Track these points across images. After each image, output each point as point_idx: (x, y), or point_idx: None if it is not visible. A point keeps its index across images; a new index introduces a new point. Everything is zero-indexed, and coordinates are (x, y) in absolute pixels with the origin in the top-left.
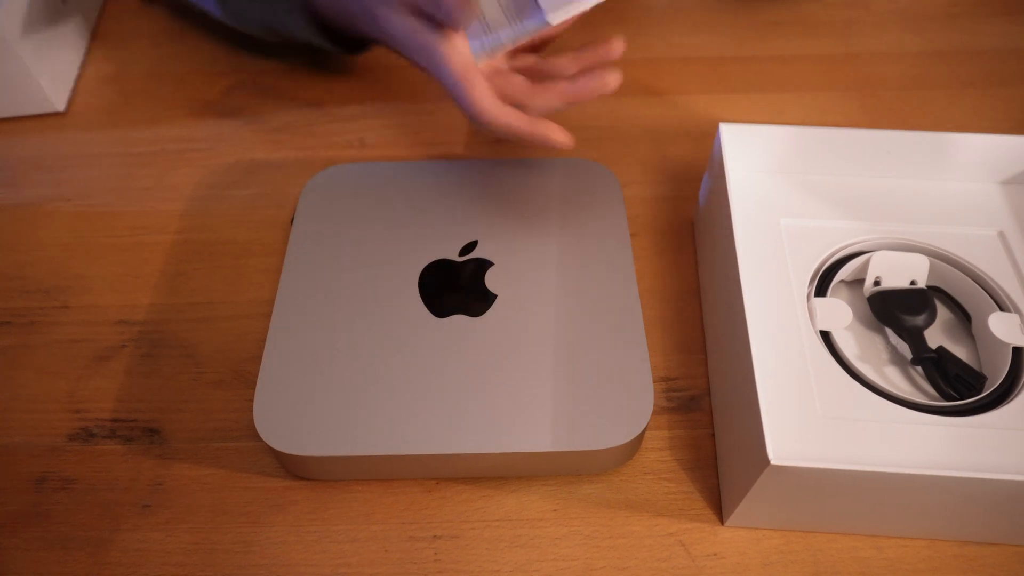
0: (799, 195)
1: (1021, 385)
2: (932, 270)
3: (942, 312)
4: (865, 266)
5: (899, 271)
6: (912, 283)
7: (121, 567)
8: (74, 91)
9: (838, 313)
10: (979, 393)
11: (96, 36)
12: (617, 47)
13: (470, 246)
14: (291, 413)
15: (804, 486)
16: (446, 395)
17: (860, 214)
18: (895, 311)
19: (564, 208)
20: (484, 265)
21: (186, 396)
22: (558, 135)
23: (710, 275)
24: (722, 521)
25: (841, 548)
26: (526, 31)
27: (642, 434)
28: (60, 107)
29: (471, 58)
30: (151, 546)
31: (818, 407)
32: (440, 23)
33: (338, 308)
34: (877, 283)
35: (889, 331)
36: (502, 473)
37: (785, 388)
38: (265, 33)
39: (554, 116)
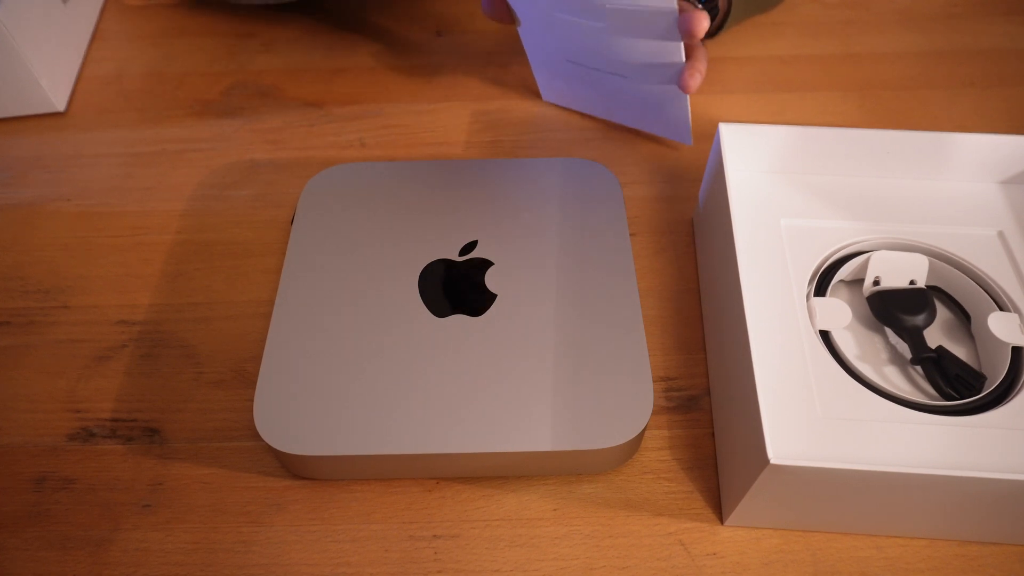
0: (799, 195)
1: (1021, 385)
2: (932, 270)
3: (942, 312)
4: (865, 266)
5: (898, 271)
6: (911, 283)
7: (121, 567)
8: (74, 91)
9: (838, 313)
10: (979, 393)
11: (96, 36)
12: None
13: (470, 246)
14: (291, 413)
15: (804, 486)
16: (446, 395)
17: (860, 214)
18: (894, 311)
19: (564, 208)
20: (484, 265)
21: (186, 396)
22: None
23: (710, 275)
24: (722, 521)
25: (841, 548)
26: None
27: (642, 434)
28: (60, 107)
29: None
30: (151, 546)
31: (817, 407)
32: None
33: (338, 308)
34: (876, 283)
35: (889, 331)
36: (502, 473)
37: (785, 388)
38: None
39: (556, 115)
